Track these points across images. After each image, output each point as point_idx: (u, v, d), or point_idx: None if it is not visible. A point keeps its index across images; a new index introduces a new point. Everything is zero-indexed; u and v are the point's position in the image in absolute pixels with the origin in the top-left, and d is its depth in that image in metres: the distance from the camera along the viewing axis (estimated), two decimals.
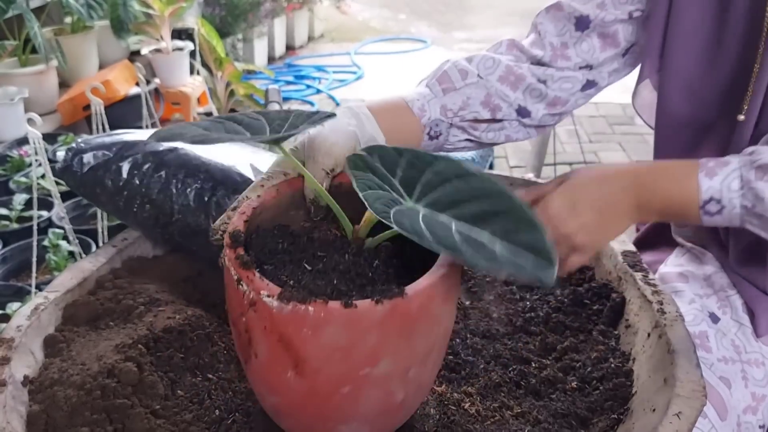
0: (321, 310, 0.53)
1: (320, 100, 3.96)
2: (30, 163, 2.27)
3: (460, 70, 0.90)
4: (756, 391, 0.82)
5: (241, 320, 0.57)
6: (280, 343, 0.55)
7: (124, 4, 2.91)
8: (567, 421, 0.70)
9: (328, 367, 0.55)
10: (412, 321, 0.55)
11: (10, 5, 2.41)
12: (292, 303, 0.53)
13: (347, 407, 0.59)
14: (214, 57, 3.18)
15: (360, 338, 0.54)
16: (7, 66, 2.71)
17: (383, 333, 0.54)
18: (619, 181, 0.74)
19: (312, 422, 0.61)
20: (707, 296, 0.89)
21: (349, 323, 0.53)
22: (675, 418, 0.62)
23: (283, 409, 0.62)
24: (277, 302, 0.53)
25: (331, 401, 0.58)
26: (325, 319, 0.53)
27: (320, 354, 0.54)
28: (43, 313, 0.77)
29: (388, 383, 0.58)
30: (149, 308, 0.80)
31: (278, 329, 0.54)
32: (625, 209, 0.73)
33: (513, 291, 0.92)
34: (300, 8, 4.73)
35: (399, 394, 0.59)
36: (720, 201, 0.69)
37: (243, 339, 0.58)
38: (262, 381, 0.61)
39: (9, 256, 2.00)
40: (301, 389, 0.57)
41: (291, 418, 0.63)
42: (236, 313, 0.58)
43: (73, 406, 0.66)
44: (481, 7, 6.26)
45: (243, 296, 0.56)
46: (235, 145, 0.97)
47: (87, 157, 0.90)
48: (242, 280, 0.56)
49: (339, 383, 0.56)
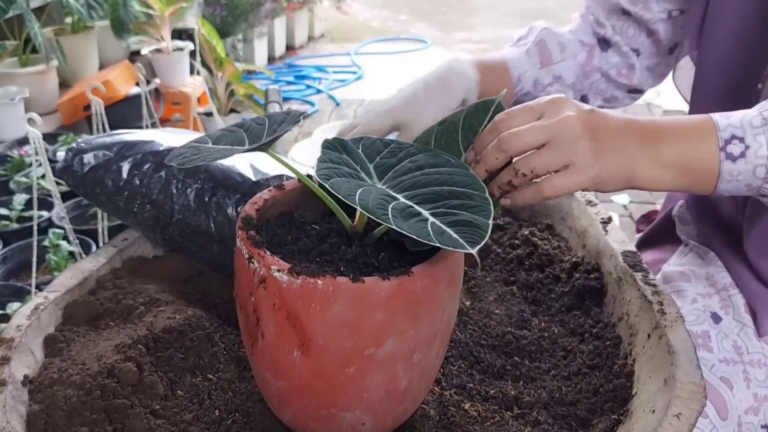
0: (330, 284, 0.54)
1: (320, 100, 3.96)
2: (30, 163, 2.27)
3: (560, 43, 0.96)
4: (758, 392, 0.82)
5: (249, 301, 0.59)
6: (288, 320, 0.56)
7: (124, 4, 2.92)
8: (567, 422, 0.70)
9: (335, 345, 0.56)
10: (417, 301, 0.56)
11: (10, 5, 2.41)
12: (302, 277, 0.55)
13: (352, 390, 0.59)
14: (214, 57, 3.18)
15: (366, 314, 0.55)
16: (7, 66, 2.71)
17: (389, 310, 0.56)
18: (630, 120, 0.65)
19: (316, 408, 0.61)
20: (709, 296, 0.89)
21: (357, 298, 0.55)
22: (675, 419, 0.62)
23: (287, 394, 0.62)
24: (287, 276, 0.55)
25: (336, 382, 0.59)
26: (334, 293, 0.54)
27: (327, 331, 0.56)
28: (43, 312, 0.77)
29: (392, 366, 0.59)
30: (149, 308, 0.80)
31: (287, 305, 0.56)
32: (632, 136, 0.63)
33: (513, 291, 0.92)
34: (300, 8, 4.73)
35: (403, 380, 0.60)
36: (743, 139, 0.61)
37: (251, 321, 0.59)
38: (267, 363, 0.62)
39: (9, 256, 2.00)
40: (307, 370, 0.58)
41: (294, 405, 0.63)
42: (245, 294, 0.59)
43: (73, 405, 0.66)
44: (481, 7, 6.27)
45: (253, 274, 0.57)
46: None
47: (87, 157, 0.90)
48: (253, 258, 0.57)
49: (344, 363, 0.57)
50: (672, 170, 0.63)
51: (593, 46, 0.99)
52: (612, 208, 2.68)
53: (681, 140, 0.62)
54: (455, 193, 0.57)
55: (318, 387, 0.59)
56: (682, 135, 0.62)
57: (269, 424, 0.69)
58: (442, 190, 0.57)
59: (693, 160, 0.62)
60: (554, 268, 0.93)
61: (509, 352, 0.80)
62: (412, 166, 0.61)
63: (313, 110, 3.79)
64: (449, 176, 0.59)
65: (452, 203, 0.56)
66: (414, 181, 0.59)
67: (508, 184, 0.62)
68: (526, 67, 0.94)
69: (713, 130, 0.62)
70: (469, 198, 0.56)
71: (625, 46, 0.97)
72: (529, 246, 0.98)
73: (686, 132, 0.63)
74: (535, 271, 0.94)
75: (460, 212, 0.55)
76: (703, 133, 0.62)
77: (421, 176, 0.59)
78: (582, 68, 0.98)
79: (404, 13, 6.13)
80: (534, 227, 1.02)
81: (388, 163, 0.62)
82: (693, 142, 0.62)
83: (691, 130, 0.63)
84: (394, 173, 0.61)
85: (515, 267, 0.96)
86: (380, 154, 0.63)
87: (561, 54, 0.96)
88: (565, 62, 0.96)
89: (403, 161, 0.62)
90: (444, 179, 0.58)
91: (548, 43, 0.96)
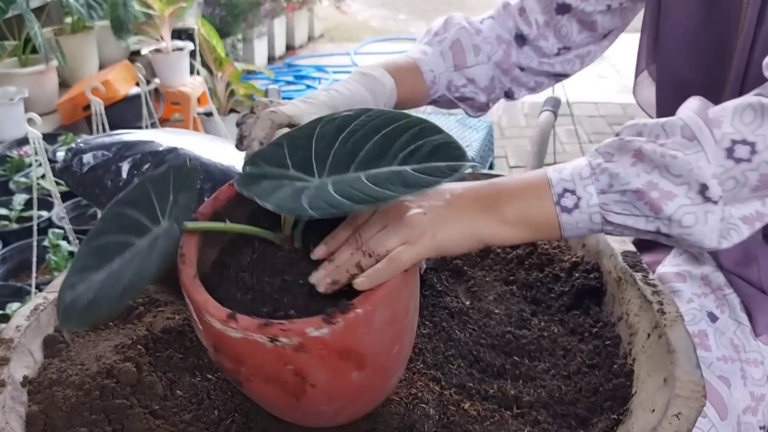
0: (367, 303, 0.56)
1: None
2: (30, 163, 2.27)
3: (474, 46, 0.96)
4: (755, 391, 0.82)
5: (283, 372, 0.57)
6: (341, 357, 0.57)
7: (124, 4, 2.92)
8: (566, 421, 0.70)
9: (383, 342, 0.60)
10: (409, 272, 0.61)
11: (10, 5, 2.41)
12: (341, 318, 0.55)
13: (397, 362, 0.65)
14: (214, 57, 3.18)
15: (400, 294, 0.59)
16: (7, 66, 2.71)
17: (410, 281, 0.61)
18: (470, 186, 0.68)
19: (372, 398, 0.67)
20: (705, 295, 0.89)
21: (389, 296, 0.57)
22: (674, 418, 0.62)
23: (344, 406, 0.64)
24: (327, 329, 0.54)
25: (389, 366, 0.64)
26: (373, 309, 0.56)
27: (376, 338, 0.58)
28: (42, 313, 0.77)
29: (414, 324, 0.66)
30: (148, 308, 0.80)
31: (336, 348, 0.56)
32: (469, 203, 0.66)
33: (513, 291, 0.92)
34: (300, 8, 4.73)
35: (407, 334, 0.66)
36: (574, 191, 0.64)
37: (291, 385, 0.58)
38: (321, 401, 0.61)
39: (9, 256, 2.00)
40: (367, 377, 0.60)
41: (348, 410, 0.66)
42: (273, 370, 0.57)
43: (72, 406, 0.66)
44: (480, 6, 6.26)
45: (284, 349, 0.55)
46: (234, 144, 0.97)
47: (87, 157, 0.90)
48: (278, 337, 0.54)
49: (390, 348, 0.61)
50: (516, 227, 0.66)
51: (510, 42, 0.98)
52: None
53: (519, 200, 0.66)
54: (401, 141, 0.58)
55: (375, 381, 0.63)
56: (520, 194, 0.66)
57: (269, 424, 0.69)
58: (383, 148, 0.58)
59: (533, 216, 0.65)
60: (554, 268, 0.93)
61: (509, 352, 0.80)
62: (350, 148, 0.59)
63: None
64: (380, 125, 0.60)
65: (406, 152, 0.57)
66: (355, 155, 0.58)
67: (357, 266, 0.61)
68: (440, 69, 0.94)
69: (547, 187, 0.65)
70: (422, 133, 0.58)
71: (548, 48, 0.97)
72: (528, 245, 0.98)
73: (523, 191, 0.66)
74: (535, 270, 0.94)
75: (421, 143, 0.57)
76: (538, 190, 0.65)
77: (356, 147, 0.59)
78: (500, 67, 0.98)
79: (403, 12, 6.13)
80: None
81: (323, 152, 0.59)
82: (531, 201, 0.65)
83: (528, 189, 0.66)
84: (333, 159, 0.58)
85: (515, 266, 0.96)
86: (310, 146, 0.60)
87: (475, 57, 0.95)
88: (479, 66, 0.96)
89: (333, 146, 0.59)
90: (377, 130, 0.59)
91: (463, 43, 0.95)
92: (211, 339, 0.58)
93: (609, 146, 0.65)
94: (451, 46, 0.94)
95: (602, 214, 0.64)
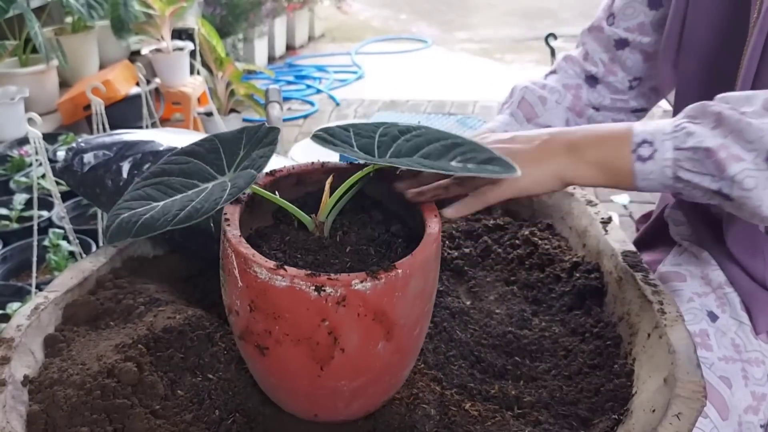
0: (406, 267, 0.59)
1: (320, 99, 3.96)
2: (30, 163, 2.27)
3: (540, 97, 1.03)
4: (756, 390, 0.82)
5: (319, 329, 0.58)
6: (375, 320, 0.59)
7: (124, 4, 2.92)
8: (567, 422, 0.70)
9: (411, 316, 0.62)
10: (438, 245, 0.64)
11: (10, 5, 2.41)
12: (383, 275, 0.57)
13: (416, 346, 0.67)
14: (214, 57, 3.18)
15: (429, 271, 0.62)
16: (7, 66, 2.71)
17: (436, 266, 0.64)
18: (559, 131, 0.75)
19: (389, 383, 0.68)
20: (705, 295, 0.89)
21: (424, 265, 0.61)
22: (675, 418, 0.62)
23: (364, 388, 0.65)
24: (370, 283, 0.57)
25: (408, 347, 0.65)
26: (411, 273, 0.59)
27: (407, 308, 0.61)
28: (43, 312, 0.77)
29: (429, 316, 0.68)
30: (149, 308, 0.80)
31: (372, 307, 0.58)
32: (555, 146, 0.72)
33: (514, 291, 0.92)
34: (300, 8, 4.73)
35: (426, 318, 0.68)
36: (652, 143, 0.68)
37: (322, 347, 0.60)
38: (344, 375, 0.62)
39: (9, 256, 2.00)
40: (389, 353, 0.62)
41: (369, 392, 0.66)
42: (308, 328, 0.59)
43: (73, 405, 0.66)
44: (482, 6, 6.26)
45: (325, 302, 0.57)
46: None
47: (87, 156, 0.90)
48: (324, 286, 0.57)
49: (413, 328, 0.63)
50: (596, 169, 0.71)
51: (579, 86, 1.04)
52: (612, 208, 2.68)
53: (602, 144, 0.71)
54: (455, 143, 0.64)
55: (394, 360, 0.64)
56: (604, 140, 0.71)
57: (270, 424, 0.69)
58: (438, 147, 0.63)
59: (611, 160, 0.70)
60: (555, 268, 0.93)
61: (510, 352, 0.80)
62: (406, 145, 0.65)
63: (313, 110, 3.79)
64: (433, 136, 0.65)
65: (460, 151, 0.62)
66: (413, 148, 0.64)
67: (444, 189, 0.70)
68: (515, 128, 1.00)
69: (629, 136, 0.70)
70: (465, 144, 0.63)
71: (619, 82, 1.03)
72: (529, 246, 0.98)
73: (607, 137, 0.71)
74: (536, 270, 0.94)
75: (474, 157, 0.62)
76: (621, 138, 0.70)
77: (413, 144, 0.65)
78: (572, 110, 1.05)
79: (404, 12, 6.13)
80: (534, 227, 1.02)
81: (385, 143, 0.65)
82: (612, 146, 0.70)
83: (611, 135, 0.71)
84: (394, 150, 0.64)
85: (516, 267, 0.96)
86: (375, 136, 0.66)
87: (544, 107, 1.03)
88: (548, 113, 1.03)
89: (396, 141, 0.65)
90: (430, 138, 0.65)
91: (529, 99, 1.03)
92: (252, 294, 0.59)
93: (694, 109, 0.69)
94: (519, 105, 1.02)
95: (674, 170, 0.68)
